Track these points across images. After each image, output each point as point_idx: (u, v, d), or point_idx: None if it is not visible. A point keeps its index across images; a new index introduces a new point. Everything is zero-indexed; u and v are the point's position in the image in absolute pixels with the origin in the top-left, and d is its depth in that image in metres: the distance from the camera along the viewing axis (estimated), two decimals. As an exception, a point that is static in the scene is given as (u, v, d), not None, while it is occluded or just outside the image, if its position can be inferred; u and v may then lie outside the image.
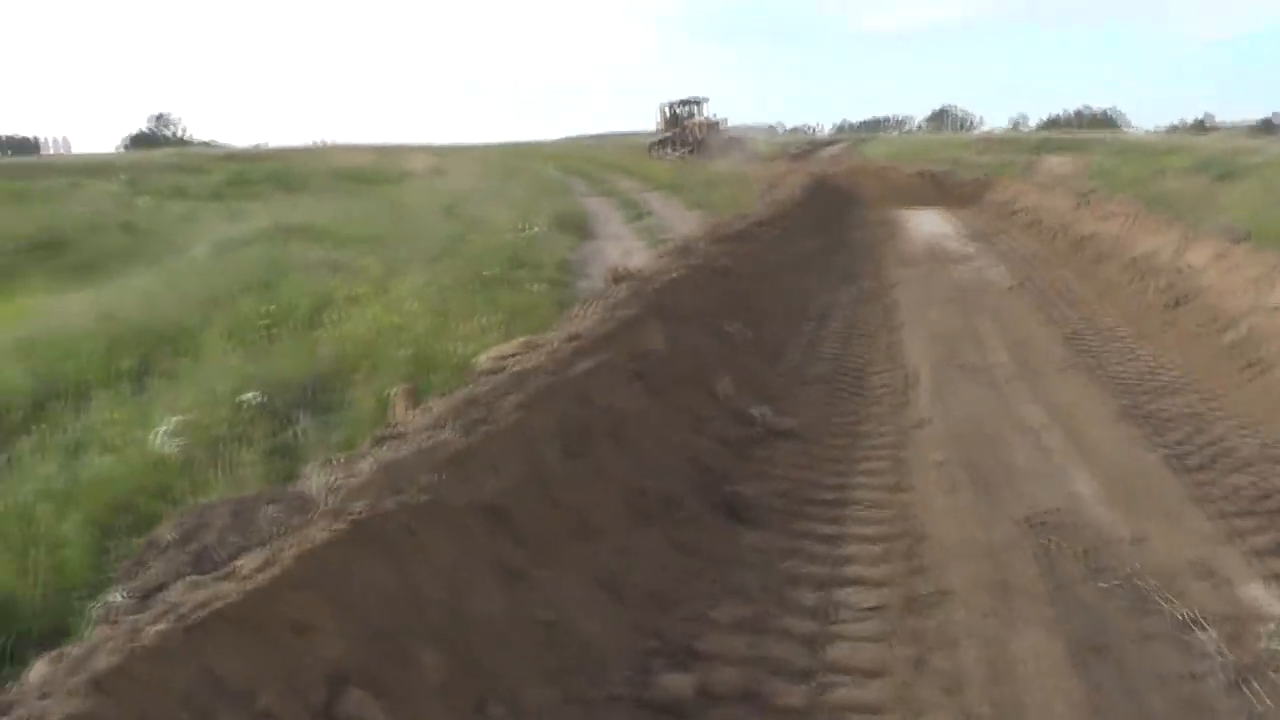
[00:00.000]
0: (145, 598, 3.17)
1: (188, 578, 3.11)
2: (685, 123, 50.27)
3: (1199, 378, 8.29)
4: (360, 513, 3.32)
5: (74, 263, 17.83)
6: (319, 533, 3.17)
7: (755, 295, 10.27)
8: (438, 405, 5.09)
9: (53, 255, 18.16)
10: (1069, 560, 4.95)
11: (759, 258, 12.02)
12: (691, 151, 46.65)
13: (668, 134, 51.34)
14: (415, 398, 5.45)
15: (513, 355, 6.40)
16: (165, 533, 3.60)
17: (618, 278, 8.10)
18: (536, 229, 18.14)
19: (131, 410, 7.39)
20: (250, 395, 6.95)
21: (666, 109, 52.36)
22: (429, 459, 3.91)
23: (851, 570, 4.85)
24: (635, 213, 24.79)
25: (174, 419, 6.57)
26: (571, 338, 6.14)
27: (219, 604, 2.79)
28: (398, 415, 5.47)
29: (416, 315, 10.00)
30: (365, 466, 3.93)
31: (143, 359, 9.23)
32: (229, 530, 3.52)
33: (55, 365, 8.64)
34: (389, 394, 6.06)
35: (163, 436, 6.32)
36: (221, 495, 4.16)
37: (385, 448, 4.30)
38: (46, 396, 7.93)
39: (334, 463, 4.25)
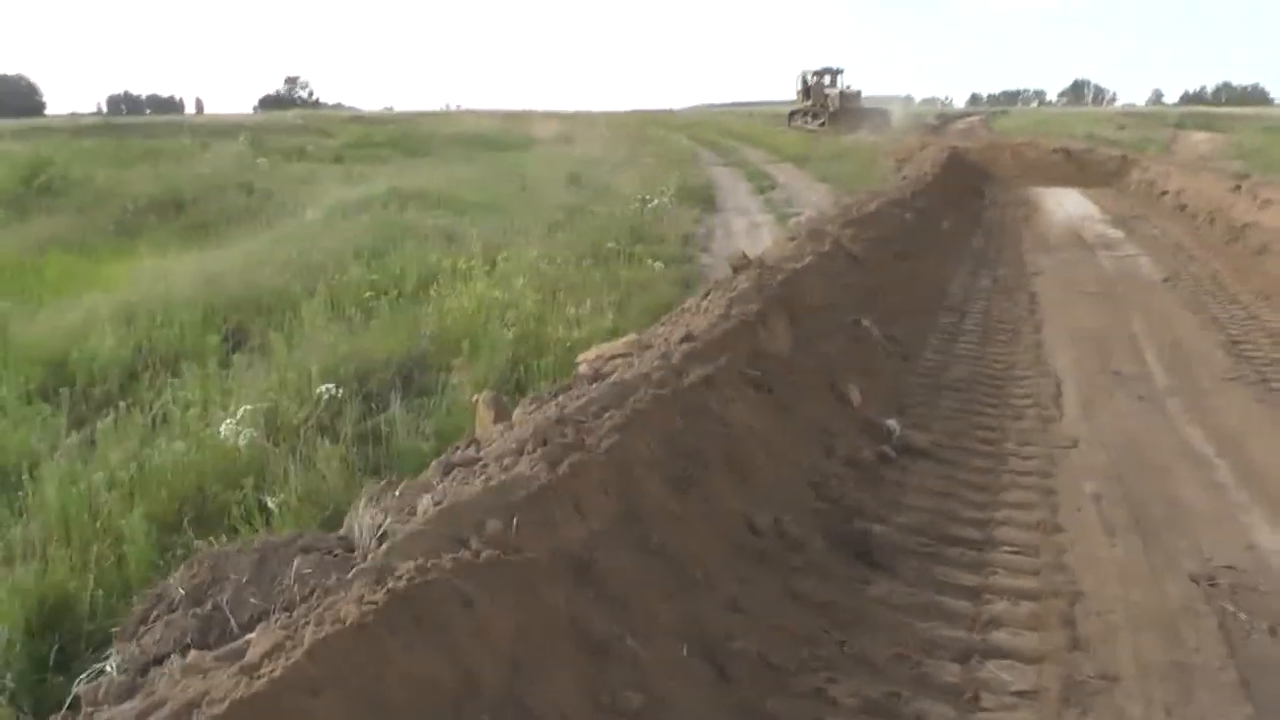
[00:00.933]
0: (140, 672, 2.57)
1: (188, 654, 2.49)
2: (825, 92, 48.62)
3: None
4: (405, 578, 2.63)
5: (194, 221, 17.83)
6: (350, 607, 2.49)
7: (888, 284, 9.35)
8: (524, 420, 4.40)
9: (174, 214, 18.19)
10: (1260, 638, 4.05)
11: (892, 241, 11.05)
12: (825, 124, 45.14)
13: (806, 104, 49.78)
14: (500, 406, 4.76)
15: (617, 356, 5.67)
16: (177, 584, 2.98)
17: (739, 266, 7.28)
18: (660, 200, 17.37)
19: (214, 388, 6.92)
20: (327, 387, 6.37)
21: (806, 78, 50.68)
22: (501, 499, 3.21)
23: (998, 638, 4.01)
24: (762, 184, 23.89)
25: (245, 407, 6.03)
26: (684, 338, 5.37)
27: (212, 710, 2.15)
28: (480, 425, 4.79)
29: (526, 292, 9.37)
30: (425, 505, 3.26)
31: (238, 329, 8.83)
32: (249, 586, 2.88)
33: (153, 333, 8.25)
34: (472, 400, 5.42)
35: (232, 426, 5.78)
36: (245, 540, 3.53)
37: (453, 477, 3.62)
38: (139, 367, 7.54)
39: (389, 495, 3.60)
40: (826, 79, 49.59)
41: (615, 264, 11.89)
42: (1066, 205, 19.27)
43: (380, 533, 3.09)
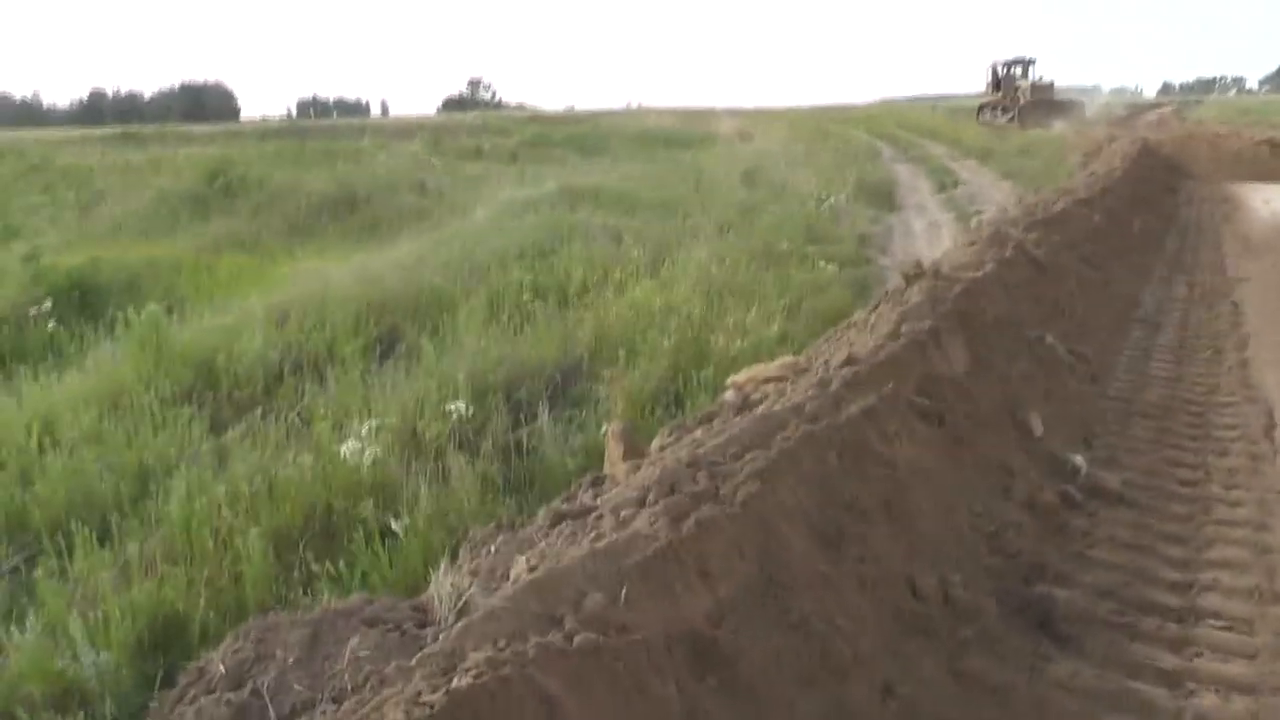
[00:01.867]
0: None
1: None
2: (1016, 84, 46.02)
3: None
4: (472, 672, 2.15)
5: (365, 221, 17.95)
6: (397, 713, 2.02)
7: (1075, 293, 8.42)
8: (655, 459, 3.87)
9: (347, 214, 18.36)
10: None
11: (1079, 244, 10.04)
12: (1014, 118, 42.67)
13: (996, 96, 47.10)
14: (631, 439, 4.23)
15: (770, 380, 5.06)
16: (219, 659, 2.58)
17: (912, 275, 6.55)
18: (838, 197, 16.56)
19: (355, 396, 6.64)
20: (457, 405, 5.98)
21: (996, 69, 47.97)
22: (610, 564, 2.68)
23: (1205, 743, 3.29)
24: (944, 181, 22.73)
25: (371, 423, 5.70)
26: (846, 361, 4.74)
27: None
28: (609, 461, 4.27)
29: (691, 296, 8.82)
30: (519, 569, 2.77)
31: (392, 331, 8.57)
32: (296, 667, 2.46)
33: (304, 335, 8.06)
34: (602, 433, 4.92)
35: (355, 445, 5.44)
36: (303, 609, 3.11)
37: (560, 532, 3.12)
38: (286, 369, 7.34)
39: (485, 550, 3.13)
40: (1018, 70, 46.86)
41: (787, 266, 11.23)
42: (1274, 203, 17.49)
43: (461, 603, 2.62)
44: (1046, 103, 43.21)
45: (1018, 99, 44.63)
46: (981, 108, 47.67)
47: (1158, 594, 4.19)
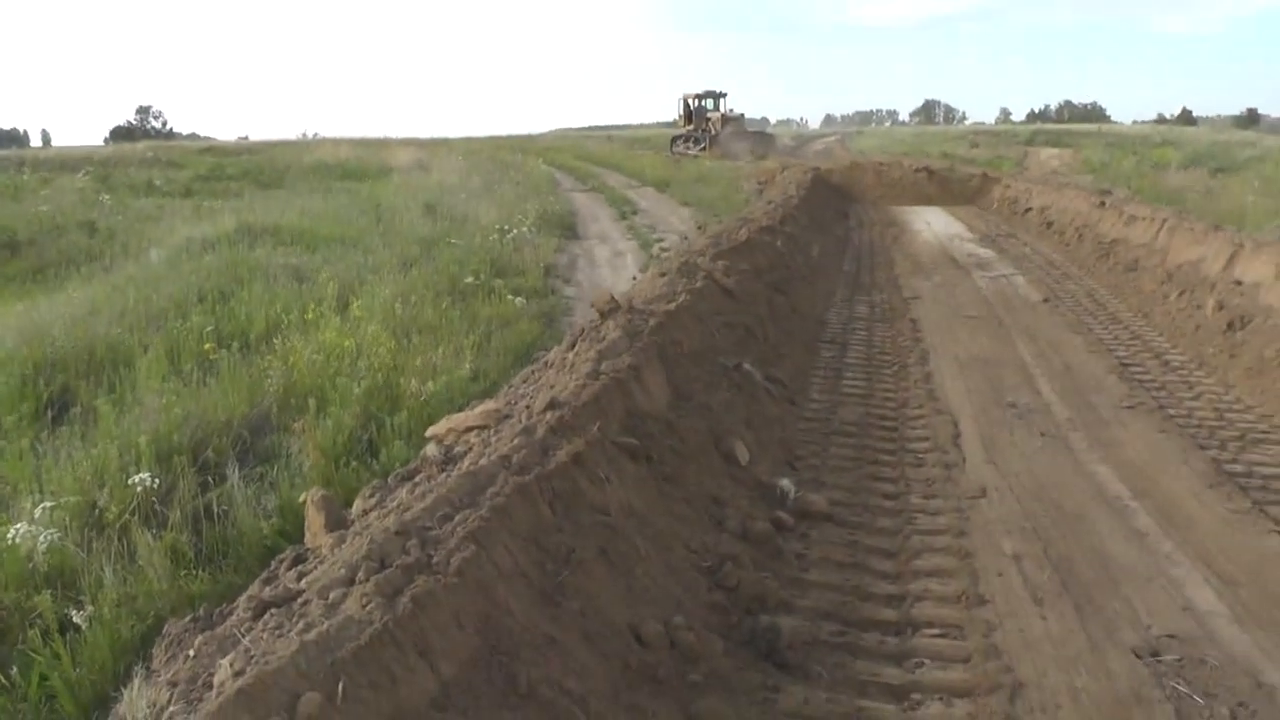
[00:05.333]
0: None
1: None
2: (707, 116, 48.13)
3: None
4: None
5: (28, 266, 16.64)
6: None
7: (765, 319, 8.84)
8: (360, 529, 3.66)
9: (6, 257, 16.80)
10: (1222, 726, 3.58)
11: (765, 271, 10.57)
12: (705, 148, 44.68)
13: (688, 129, 48.96)
14: (332, 507, 3.99)
15: (471, 429, 4.94)
16: None
17: (606, 310, 6.63)
18: (520, 229, 16.72)
19: (27, 471, 6.00)
20: (141, 477, 5.52)
21: (688, 101, 49.90)
22: (321, 658, 2.48)
23: (936, 754, 3.46)
24: (624, 210, 23.46)
25: (45, 505, 5.16)
26: (549, 405, 4.69)
27: None
28: (310, 531, 4.02)
29: (379, 337, 8.58)
30: (223, 675, 2.51)
31: (62, 392, 7.84)
32: None
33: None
34: (300, 500, 4.65)
35: (26, 528, 4.90)
36: None
37: (266, 623, 2.87)
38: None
39: (182, 657, 2.84)
40: (709, 102, 49.07)
41: (474, 300, 11.20)
42: (934, 225, 19.26)
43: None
44: (739, 134, 45.61)
45: (709, 130, 46.86)
46: (675, 139, 49.45)
47: (875, 609, 4.40)
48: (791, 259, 12.28)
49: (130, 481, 5.53)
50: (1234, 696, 3.74)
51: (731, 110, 48.48)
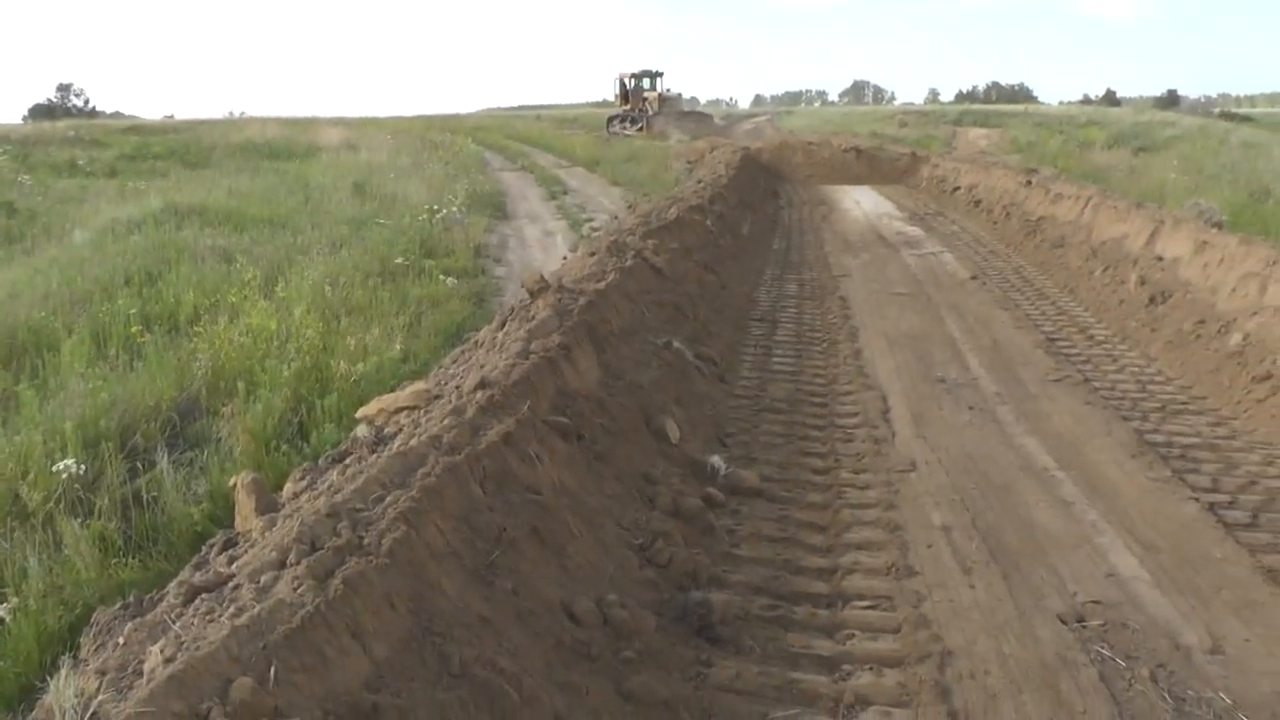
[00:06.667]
0: None
1: None
2: (644, 95, 47.94)
3: (1203, 392, 7.16)
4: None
5: None
6: None
7: (696, 297, 8.89)
8: (290, 512, 3.64)
9: None
10: (1143, 688, 3.69)
11: (695, 250, 10.63)
12: (643, 128, 44.59)
13: (625, 109, 48.70)
14: (262, 490, 3.95)
15: (402, 410, 4.92)
16: None
17: (536, 289, 6.62)
18: (450, 209, 16.61)
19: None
20: (66, 464, 5.43)
21: (625, 81, 49.59)
22: (253, 641, 2.47)
23: (867, 722, 3.53)
24: (554, 190, 23.41)
25: None
26: (479, 385, 4.69)
27: None
28: (240, 516, 3.98)
29: (307, 319, 8.49)
30: (154, 662, 2.49)
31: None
32: None
33: None
34: (230, 484, 4.60)
35: None
36: None
37: (196, 608, 2.84)
38: None
39: (111, 645, 2.81)
40: (646, 82, 48.83)
41: (404, 281, 11.14)
42: (864, 204, 19.47)
43: (89, 714, 2.31)
44: (676, 113, 45.56)
45: (645, 109, 46.74)
46: (611, 119, 49.14)
47: (806, 583, 4.47)
48: (721, 237, 12.36)
49: (55, 469, 5.43)
50: (1154, 658, 3.87)
51: (668, 90, 48.43)
